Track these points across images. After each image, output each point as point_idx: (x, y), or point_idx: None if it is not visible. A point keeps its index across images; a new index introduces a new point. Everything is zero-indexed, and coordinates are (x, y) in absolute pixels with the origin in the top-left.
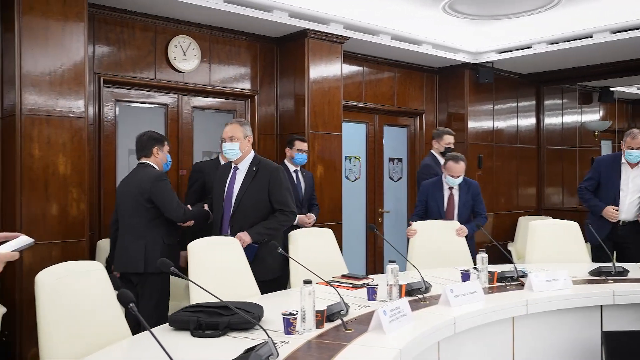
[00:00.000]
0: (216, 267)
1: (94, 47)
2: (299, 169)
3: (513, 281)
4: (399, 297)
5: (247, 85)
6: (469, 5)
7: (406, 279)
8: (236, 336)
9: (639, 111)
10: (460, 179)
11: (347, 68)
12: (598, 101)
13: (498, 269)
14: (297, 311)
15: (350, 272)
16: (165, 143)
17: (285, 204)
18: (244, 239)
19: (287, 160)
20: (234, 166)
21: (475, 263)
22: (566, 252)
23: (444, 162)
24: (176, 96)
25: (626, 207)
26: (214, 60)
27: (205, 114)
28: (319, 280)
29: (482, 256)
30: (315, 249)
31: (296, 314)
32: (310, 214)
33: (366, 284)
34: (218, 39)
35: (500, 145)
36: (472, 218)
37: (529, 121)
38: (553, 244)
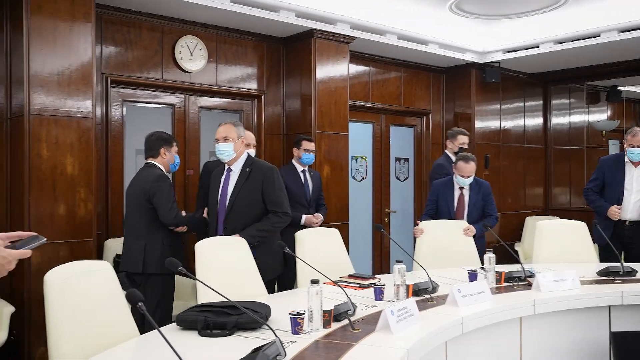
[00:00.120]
0: (223, 266)
1: (101, 47)
2: (307, 169)
3: (520, 281)
4: (406, 297)
5: (253, 85)
6: (475, 4)
7: (413, 279)
8: (244, 336)
9: None
10: (470, 179)
11: (354, 68)
12: (606, 101)
13: (505, 269)
14: (304, 311)
15: (357, 272)
16: (174, 144)
17: (279, 204)
18: None
19: (294, 160)
20: (227, 168)
21: (483, 263)
22: (574, 252)
23: (454, 162)
24: (183, 96)
25: (631, 206)
26: (221, 61)
27: (212, 114)
28: (326, 280)
29: (490, 256)
30: (322, 249)
31: (303, 313)
32: (317, 214)
33: (373, 284)
34: (225, 39)
35: (507, 145)
36: (483, 219)
37: (536, 121)
38: (560, 244)
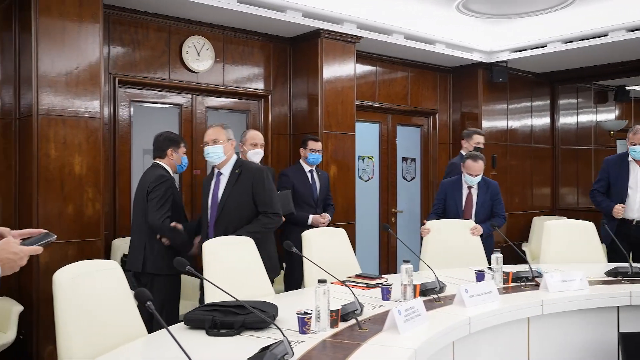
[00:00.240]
0: (230, 266)
1: (109, 47)
2: (315, 169)
3: (528, 281)
4: (413, 297)
5: (260, 85)
6: (483, 4)
7: (420, 278)
8: (251, 335)
9: None
10: (478, 178)
11: (361, 68)
12: (613, 100)
13: (513, 269)
14: (312, 310)
15: (364, 272)
16: (182, 145)
17: (270, 205)
18: None
19: (302, 160)
20: (217, 172)
21: (491, 263)
22: (581, 252)
23: (463, 161)
24: (190, 96)
25: (637, 205)
26: (228, 61)
27: (219, 114)
28: (333, 280)
29: (497, 256)
30: (329, 248)
31: (311, 313)
32: (325, 214)
33: (380, 283)
34: (232, 39)
35: (515, 144)
36: (491, 218)
37: (543, 121)
38: (568, 244)
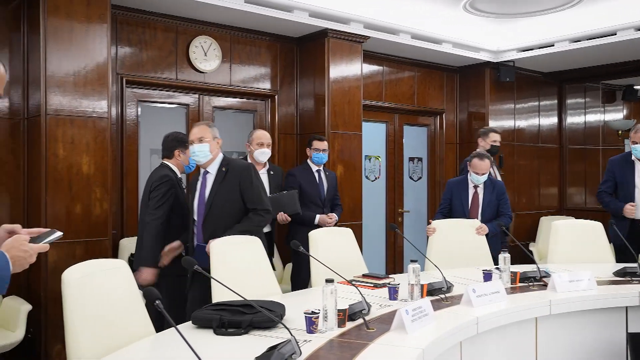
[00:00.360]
0: (237, 265)
1: (116, 48)
2: (322, 169)
3: (536, 281)
4: (420, 296)
5: (267, 85)
6: (490, 3)
7: (427, 278)
8: (258, 334)
9: None
10: (485, 176)
11: (367, 67)
12: (622, 100)
13: (520, 269)
14: (319, 310)
15: (370, 271)
16: (180, 148)
17: (259, 202)
18: None
19: (309, 160)
20: (203, 171)
21: (496, 262)
22: (589, 252)
23: (469, 160)
24: (197, 96)
25: None
26: (235, 61)
27: (226, 114)
28: (340, 279)
29: (504, 256)
30: (336, 248)
31: (318, 312)
32: (332, 213)
33: (387, 283)
34: (239, 39)
35: (522, 144)
36: (497, 218)
37: (550, 120)
38: (576, 244)
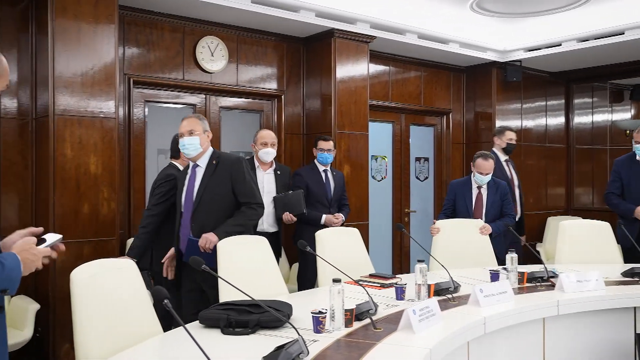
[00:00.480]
0: (244, 265)
1: (123, 48)
2: (329, 169)
3: (543, 281)
4: (427, 296)
5: (273, 85)
6: (497, 3)
7: (434, 278)
8: (266, 334)
9: None
10: (488, 177)
11: (374, 67)
12: (630, 99)
13: (527, 269)
14: (326, 310)
15: (377, 271)
16: None
17: (251, 196)
18: (210, 239)
19: (315, 160)
20: (192, 164)
21: (501, 262)
22: (597, 252)
23: (472, 160)
24: (204, 96)
25: None
26: (241, 61)
27: (233, 114)
28: (347, 279)
29: (512, 256)
30: (342, 248)
31: (325, 312)
32: (338, 214)
33: (394, 283)
34: (245, 39)
35: (529, 144)
36: (501, 218)
37: (558, 120)
38: (583, 245)
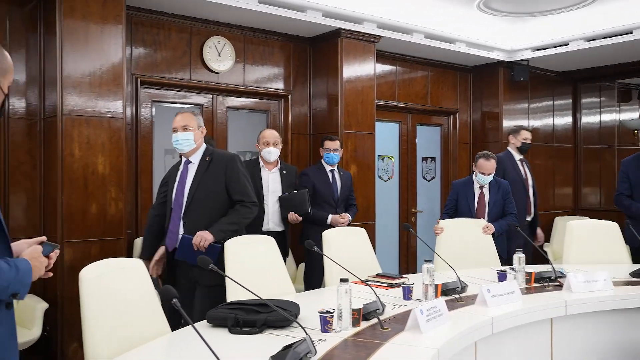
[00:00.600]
0: (251, 265)
1: (131, 48)
2: (336, 169)
3: (551, 282)
4: (434, 296)
5: (280, 85)
6: (504, 2)
7: (440, 278)
8: (273, 333)
9: None
10: (490, 177)
11: (380, 67)
12: (638, 99)
13: (535, 269)
14: (333, 309)
15: (383, 271)
16: None
17: (246, 194)
18: (205, 237)
19: (322, 160)
20: (184, 160)
21: (503, 261)
22: (605, 253)
23: (474, 160)
24: (211, 96)
25: None
26: (248, 61)
27: (240, 114)
28: (354, 279)
29: (519, 256)
30: (349, 248)
31: (333, 312)
32: (345, 214)
33: (401, 283)
34: (252, 39)
35: (536, 144)
36: (504, 217)
37: (565, 120)
38: (591, 245)
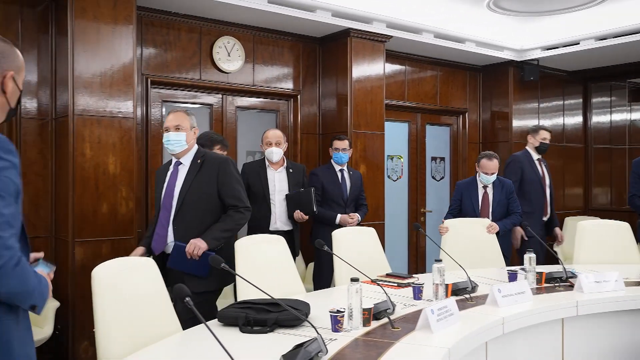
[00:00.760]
0: (261, 264)
1: (141, 49)
2: (346, 168)
3: (562, 282)
4: (445, 296)
5: (289, 85)
6: (514, 1)
7: (450, 278)
8: (283, 333)
9: None
10: (494, 176)
11: (390, 67)
12: None
13: (545, 269)
14: (344, 309)
15: (393, 271)
16: (216, 147)
17: (239, 199)
18: (199, 245)
19: (332, 159)
20: (175, 161)
21: (508, 261)
22: (616, 253)
23: (477, 160)
24: (220, 96)
25: None
26: (258, 61)
27: (249, 114)
28: (363, 278)
29: (530, 256)
30: (359, 248)
31: (343, 311)
32: (354, 214)
33: (411, 283)
34: (261, 39)
35: None
36: (508, 216)
37: (575, 119)
38: (602, 245)
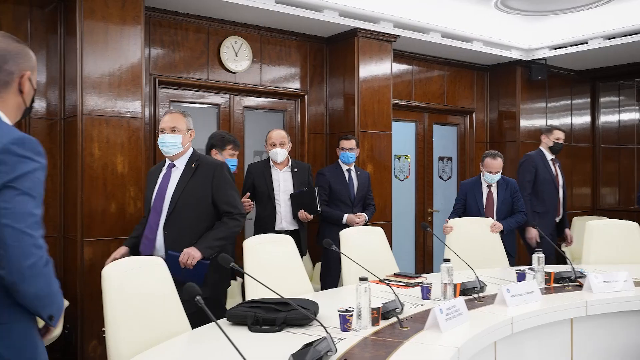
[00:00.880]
0: (269, 264)
1: (149, 49)
2: (353, 168)
3: (571, 282)
4: (453, 296)
5: (297, 85)
6: (521, 1)
7: (458, 278)
8: (293, 332)
9: None
10: (498, 175)
11: (397, 67)
12: None
13: (554, 269)
14: (353, 308)
15: (401, 271)
16: (227, 147)
17: (234, 205)
18: (193, 255)
19: (339, 159)
20: (168, 163)
21: (512, 260)
22: (625, 253)
23: (481, 160)
24: (228, 96)
25: None
26: (265, 61)
27: (256, 114)
28: (372, 278)
29: (539, 256)
30: (366, 247)
31: (352, 311)
32: (360, 213)
33: (420, 282)
34: (269, 39)
35: None
36: (513, 215)
37: (583, 119)
38: (611, 245)
